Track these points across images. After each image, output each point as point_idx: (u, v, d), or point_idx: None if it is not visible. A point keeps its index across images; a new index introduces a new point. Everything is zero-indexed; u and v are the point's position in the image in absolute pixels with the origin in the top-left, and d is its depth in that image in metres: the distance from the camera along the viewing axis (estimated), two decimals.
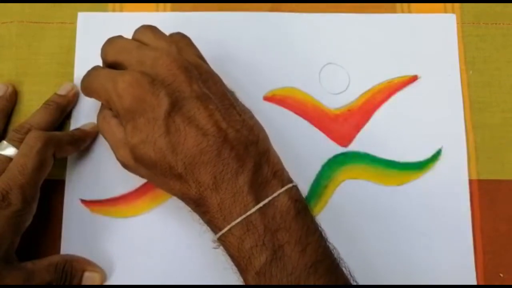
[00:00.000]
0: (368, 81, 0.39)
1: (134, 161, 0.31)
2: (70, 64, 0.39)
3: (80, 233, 0.36)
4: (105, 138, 0.33)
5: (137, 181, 0.37)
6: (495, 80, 0.40)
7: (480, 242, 0.37)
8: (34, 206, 0.33)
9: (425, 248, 0.37)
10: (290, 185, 0.29)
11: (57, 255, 0.35)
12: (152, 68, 0.30)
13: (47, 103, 0.37)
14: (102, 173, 0.37)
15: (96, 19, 0.39)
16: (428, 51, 0.40)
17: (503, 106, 0.39)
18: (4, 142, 0.34)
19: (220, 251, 0.31)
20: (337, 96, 0.39)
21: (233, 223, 0.28)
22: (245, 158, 0.29)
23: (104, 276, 0.35)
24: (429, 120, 0.39)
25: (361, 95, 0.39)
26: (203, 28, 0.39)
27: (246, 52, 0.39)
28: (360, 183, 0.37)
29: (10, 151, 0.33)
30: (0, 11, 0.40)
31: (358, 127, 0.38)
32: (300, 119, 0.38)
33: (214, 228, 0.29)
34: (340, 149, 0.38)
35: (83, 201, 0.36)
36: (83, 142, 0.36)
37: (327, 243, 0.30)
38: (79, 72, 0.38)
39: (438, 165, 0.38)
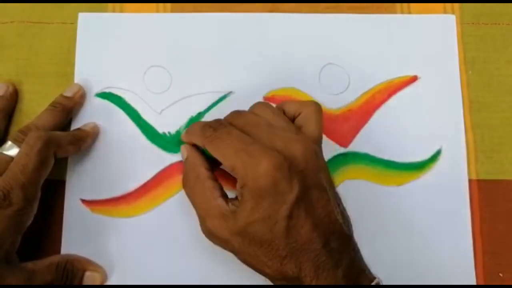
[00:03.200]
0: (368, 81, 0.39)
1: (233, 235, 0.30)
2: (71, 64, 0.39)
3: (80, 233, 0.36)
4: (193, 200, 0.33)
5: (137, 181, 0.37)
6: (495, 80, 0.40)
7: (479, 242, 0.37)
8: (35, 206, 0.33)
9: (425, 248, 0.37)
10: (376, 280, 0.30)
11: (58, 255, 0.35)
12: (286, 150, 0.30)
13: (53, 105, 0.37)
14: (102, 173, 0.37)
15: (96, 20, 0.39)
16: (428, 52, 0.40)
17: (503, 106, 0.39)
18: (9, 142, 0.34)
19: (221, 252, 0.31)
20: (337, 96, 0.39)
21: None
22: (344, 252, 0.30)
23: (104, 276, 0.35)
24: (429, 120, 0.39)
25: (361, 96, 0.39)
26: (203, 29, 0.39)
27: (246, 52, 0.39)
28: (360, 183, 0.37)
29: (14, 151, 0.33)
30: (1, 11, 0.40)
31: (358, 127, 0.38)
32: None
33: None
34: (340, 149, 0.38)
35: (84, 201, 0.36)
36: (84, 142, 0.36)
37: None
38: (80, 72, 0.38)
39: (438, 165, 0.38)
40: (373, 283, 0.30)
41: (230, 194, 0.32)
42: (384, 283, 0.35)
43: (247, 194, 0.30)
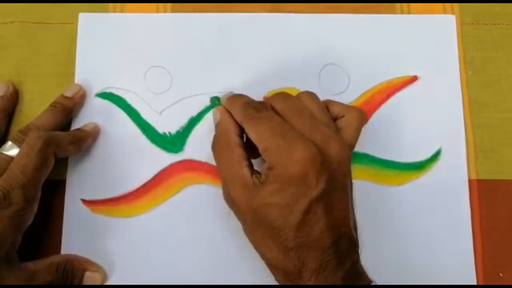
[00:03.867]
0: (367, 81, 0.39)
1: (249, 208, 0.30)
2: (71, 64, 0.39)
3: (81, 233, 0.36)
4: (220, 163, 0.33)
5: (137, 181, 0.37)
6: (495, 80, 0.40)
7: (479, 241, 0.37)
8: (35, 206, 0.33)
9: (424, 248, 0.37)
10: (372, 284, 0.31)
11: (58, 255, 0.35)
12: (324, 146, 0.30)
13: (53, 105, 0.37)
14: (103, 173, 0.37)
15: (97, 20, 0.39)
16: (428, 52, 0.40)
17: (503, 106, 0.39)
18: (9, 142, 0.34)
19: (221, 251, 0.31)
20: (337, 96, 0.39)
21: None
22: (349, 255, 0.30)
23: (105, 276, 0.35)
24: (429, 120, 0.39)
25: (361, 96, 0.39)
26: (204, 29, 0.39)
27: (246, 52, 0.39)
28: (360, 183, 0.37)
29: (15, 151, 0.33)
30: (2, 11, 0.40)
31: None
32: None
33: None
34: None
35: (84, 201, 0.37)
36: (84, 142, 0.36)
37: None
38: (80, 72, 0.38)
39: (438, 165, 0.38)
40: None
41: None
42: (384, 282, 0.35)
43: (272, 176, 0.30)
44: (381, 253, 0.37)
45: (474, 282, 0.36)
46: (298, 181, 0.29)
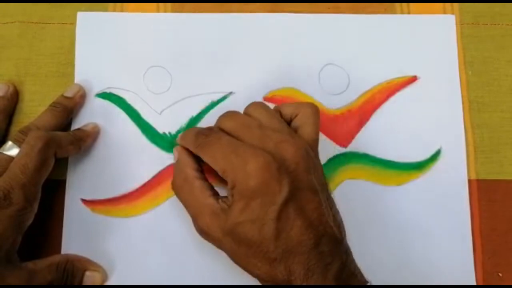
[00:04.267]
0: (367, 81, 0.39)
1: (224, 234, 0.30)
2: (71, 64, 0.39)
3: (81, 233, 0.36)
4: (183, 200, 0.33)
5: (137, 181, 0.37)
6: (494, 80, 0.40)
7: (479, 242, 0.37)
8: (36, 206, 0.33)
9: (424, 248, 0.37)
10: (368, 284, 0.30)
11: (58, 255, 0.35)
12: (277, 151, 0.30)
13: (53, 105, 0.37)
14: (103, 173, 0.37)
15: (95, 19, 0.39)
16: (428, 52, 0.40)
17: (502, 106, 0.39)
18: (9, 142, 0.34)
19: (220, 251, 0.31)
20: (336, 96, 0.39)
21: None
22: (335, 255, 0.30)
23: (105, 276, 0.35)
24: (428, 120, 0.39)
25: (361, 96, 0.39)
26: (203, 29, 0.39)
27: (246, 52, 0.39)
28: (360, 183, 0.37)
29: (15, 151, 0.33)
30: (1, 12, 0.40)
31: (357, 128, 0.38)
32: None
33: None
34: (339, 149, 0.38)
35: (84, 201, 0.37)
36: (84, 142, 0.36)
37: None
38: (80, 72, 0.38)
39: (437, 165, 0.38)
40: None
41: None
42: (384, 282, 0.35)
43: (236, 194, 0.30)
44: (381, 253, 0.37)
45: (474, 282, 0.36)
46: (261, 192, 0.29)
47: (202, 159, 0.32)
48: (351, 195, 0.37)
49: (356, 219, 0.37)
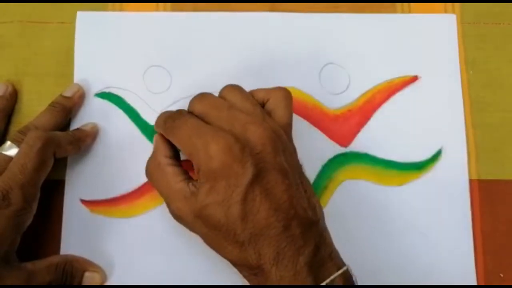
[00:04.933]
0: (368, 81, 0.39)
1: (195, 217, 0.30)
2: (70, 64, 0.39)
3: (80, 233, 0.36)
4: (156, 186, 0.32)
5: (137, 181, 0.37)
6: (496, 80, 0.40)
7: (480, 242, 0.37)
8: (35, 206, 0.33)
9: (425, 248, 0.37)
10: (344, 268, 0.30)
11: (57, 256, 0.35)
12: (242, 133, 0.30)
13: (52, 105, 0.37)
14: (102, 173, 0.37)
15: (95, 19, 0.39)
16: (429, 51, 0.40)
17: (504, 106, 0.39)
18: (8, 142, 0.34)
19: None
20: (337, 96, 0.39)
21: None
22: (308, 238, 0.29)
23: (104, 276, 0.35)
24: (429, 120, 0.39)
25: (361, 95, 0.39)
26: (203, 28, 0.39)
27: (246, 52, 0.39)
28: (360, 183, 0.37)
29: (14, 151, 0.33)
30: (1, 11, 0.40)
31: (358, 127, 0.38)
32: (300, 119, 0.38)
33: None
34: (340, 149, 0.38)
35: (83, 201, 0.36)
36: (83, 142, 0.36)
37: None
38: (79, 72, 0.38)
39: (438, 165, 0.38)
40: (340, 271, 0.29)
41: None
42: (384, 282, 0.35)
43: (202, 177, 0.30)
44: (381, 253, 0.36)
45: (475, 283, 0.36)
46: (224, 174, 0.29)
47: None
48: (351, 195, 0.37)
49: (356, 219, 0.37)
